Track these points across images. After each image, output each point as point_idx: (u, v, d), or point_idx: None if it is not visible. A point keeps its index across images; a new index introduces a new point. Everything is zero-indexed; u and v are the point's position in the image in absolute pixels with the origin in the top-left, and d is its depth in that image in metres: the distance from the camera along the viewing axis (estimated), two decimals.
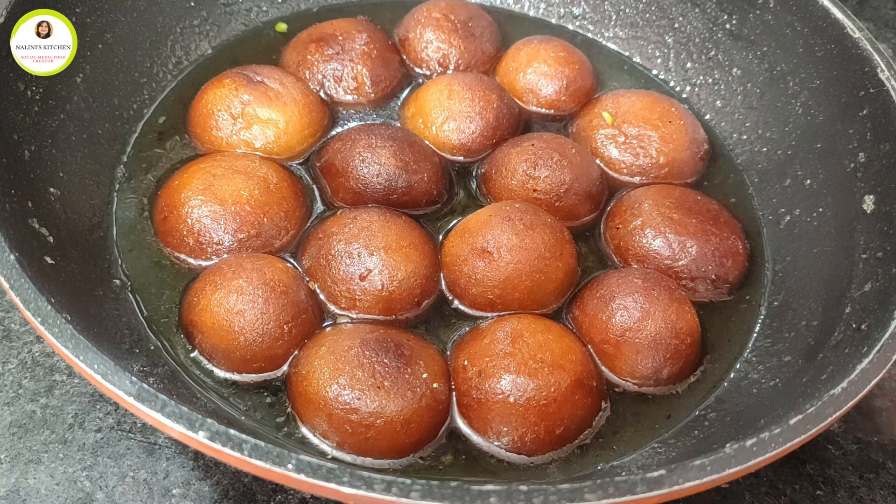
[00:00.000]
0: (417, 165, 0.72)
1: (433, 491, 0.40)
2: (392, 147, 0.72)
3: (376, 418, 0.56)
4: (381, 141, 0.72)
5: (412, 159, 0.72)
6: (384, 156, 0.71)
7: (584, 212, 0.75)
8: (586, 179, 0.74)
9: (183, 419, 0.43)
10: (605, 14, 0.95)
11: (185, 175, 0.70)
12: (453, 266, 0.67)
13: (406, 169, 0.71)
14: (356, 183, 0.71)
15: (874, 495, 0.66)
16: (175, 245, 0.68)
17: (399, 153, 0.72)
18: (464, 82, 0.80)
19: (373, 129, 0.74)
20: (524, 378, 0.58)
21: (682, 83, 0.90)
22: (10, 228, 0.54)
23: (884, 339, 0.52)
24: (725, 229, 0.72)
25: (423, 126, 0.79)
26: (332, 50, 0.84)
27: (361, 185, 0.71)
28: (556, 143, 0.75)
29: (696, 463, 0.43)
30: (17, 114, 0.64)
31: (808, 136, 0.76)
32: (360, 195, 0.71)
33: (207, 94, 0.77)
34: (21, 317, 0.71)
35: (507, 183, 0.73)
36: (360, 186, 0.71)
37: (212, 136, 0.76)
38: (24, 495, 0.61)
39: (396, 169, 0.71)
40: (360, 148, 0.72)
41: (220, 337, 0.60)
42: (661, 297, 0.63)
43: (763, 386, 0.63)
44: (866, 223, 0.66)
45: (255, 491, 0.62)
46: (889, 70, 0.68)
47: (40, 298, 0.48)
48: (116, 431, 0.64)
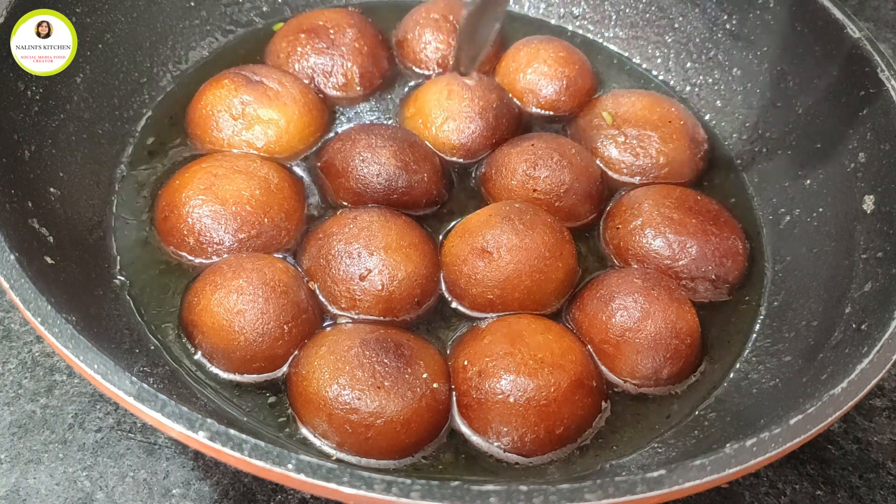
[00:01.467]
0: (417, 165, 0.72)
1: (433, 491, 0.40)
2: (392, 147, 0.72)
3: (376, 418, 0.56)
4: (381, 141, 0.72)
5: (412, 159, 0.72)
6: (384, 156, 0.71)
7: (584, 212, 0.75)
8: (586, 180, 0.74)
9: (183, 419, 0.43)
10: (605, 14, 0.95)
11: (185, 175, 0.70)
12: (453, 266, 0.67)
13: (406, 169, 0.71)
14: (356, 183, 0.71)
15: (874, 495, 0.66)
16: (176, 244, 0.68)
17: (399, 153, 0.72)
18: (463, 83, 0.80)
19: (373, 129, 0.74)
20: (524, 378, 0.58)
21: (682, 83, 0.90)
22: (10, 228, 0.54)
23: (884, 339, 0.52)
24: (725, 229, 0.72)
25: (423, 126, 0.79)
26: (322, 43, 0.84)
27: (361, 185, 0.71)
28: (556, 143, 0.75)
29: (696, 463, 0.43)
30: (17, 114, 0.64)
31: (808, 136, 0.76)
32: (361, 195, 0.71)
33: (206, 95, 0.77)
34: (21, 317, 0.71)
35: (507, 183, 0.73)
36: (361, 186, 0.71)
37: (212, 136, 0.75)
38: (24, 495, 0.61)
39: (396, 169, 0.71)
40: (361, 148, 0.72)
41: (221, 337, 0.60)
42: (661, 297, 0.63)
43: (763, 386, 0.63)
44: (866, 223, 0.66)
45: (255, 491, 0.62)
46: (889, 70, 0.68)
47: (40, 298, 0.48)
48: (116, 431, 0.64)
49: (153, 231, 0.69)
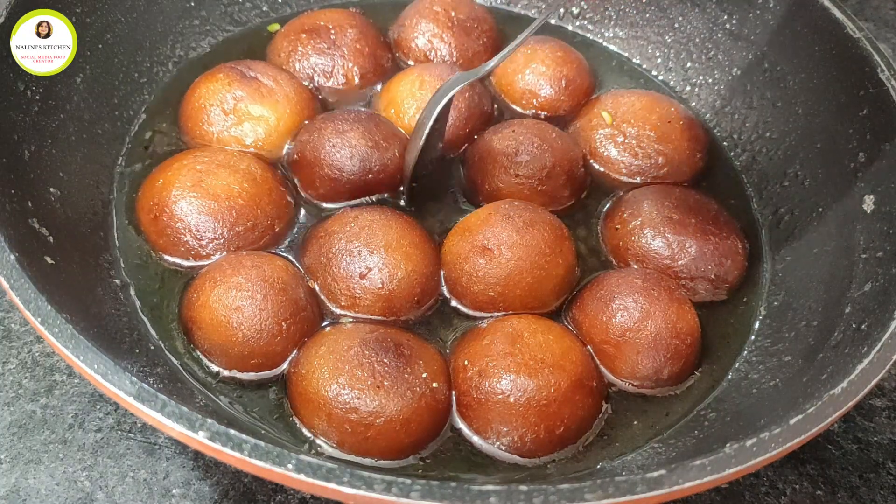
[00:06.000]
0: (387, 143, 0.73)
1: (433, 491, 0.40)
2: (359, 129, 0.72)
3: (376, 418, 0.56)
4: (347, 125, 0.72)
5: (381, 137, 0.72)
6: (354, 137, 0.71)
7: (566, 196, 0.75)
8: (568, 163, 0.75)
9: (183, 419, 0.43)
10: (604, 14, 0.95)
11: (168, 172, 0.69)
12: (454, 264, 0.67)
13: (377, 147, 0.72)
14: (331, 170, 0.71)
15: (874, 495, 0.66)
16: (168, 244, 0.67)
17: (367, 133, 0.72)
18: (435, 73, 0.80)
19: (336, 115, 0.75)
20: (524, 378, 0.58)
21: (682, 83, 0.90)
22: (10, 228, 0.53)
23: (884, 339, 0.52)
24: (725, 229, 0.72)
25: (396, 116, 0.79)
26: (323, 44, 0.84)
27: (336, 171, 0.71)
28: (536, 128, 0.76)
29: (696, 463, 0.43)
30: (17, 114, 0.64)
31: (808, 136, 0.76)
32: (337, 181, 0.71)
33: (200, 87, 0.77)
34: (21, 317, 0.71)
35: (489, 169, 0.74)
36: (336, 172, 0.71)
37: (202, 130, 0.75)
38: (24, 495, 0.61)
39: (368, 149, 0.71)
40: (329, 134, 0.72)
41: (219, 333, 0.60)
42: (661, 298, 0.63)
43: (763, 386, 0.62)
44: (866, 223, 0.66)
45: (255, 491, 0.62)
46: (889, 70, 0.68)
47: (40, 298, 0.48)
48: (116, 431, 0.64)
49: (142, 230, 0.69)
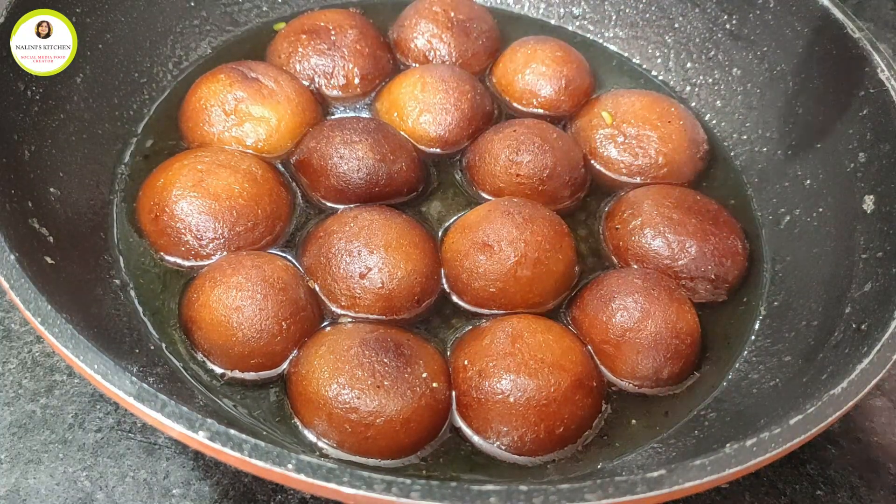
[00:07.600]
0: (394, 155, 0.72)
1: (433, 491, 0.40)
2: (368, 140, 0.72)
3: (376, 417, 0.56)
4: (356, 136, 0.72)
5: (389, 150, 0.72)
6: (361, 150, 0.71)
7: (567, 195, 0.75)
8: (568, 163, 0.75)
9: (183, 419, 0.43)
10: (605, 14, 0.95)
11: (168, 173, 0.69)
12: (455, 262, 0.67)
13: (385, 160, 0.71)
14: (337, 181, 0.71)
15: (874, 495, 0.66)
16: (169, 244, 0.67)
17: (376, 146, 0.72)
18: (436, 74, 0.80)
19: (345, 123, 0.74)
20: (524, 378, 0.58)
21: (682, 83, 0.90)
22: (10, 228, 0.53)
23: (884, 339, 0.52)
24: (725, 229, 0.72)
25: (399, 119, 0.79)
26: (323, 45, 0.84)
27: (343, 183, 0.71)
28: (537, 128, 0.76)
29: (696, 463, 0.43)
30: (17, 114, 0.64)
31: (808, 136, 0.76)
32: (342, 192, 0.71)
33: (201, 88, 0.77)
34: (21, 317, 0.71)
35: (490, 169, 0.74)
36: (342, 184, 0.71)
37: (203, 130, 0.75)
38: (24, 495, 0.61)
39: (375, 162, 0.71)
40: (337, 145, 0.72)
41: (219, 333, 0.60)
42: (661, 298, 0.63)
43: (763, 386, 0.62)
44: (866, 223, 0.66)
45: (255, 491, 0.62)
46: (889, 70, 0.68)
47: (40, 298, 0.48)
48: (116, 431, 0.64)
49: (142, 231, 0.69)
